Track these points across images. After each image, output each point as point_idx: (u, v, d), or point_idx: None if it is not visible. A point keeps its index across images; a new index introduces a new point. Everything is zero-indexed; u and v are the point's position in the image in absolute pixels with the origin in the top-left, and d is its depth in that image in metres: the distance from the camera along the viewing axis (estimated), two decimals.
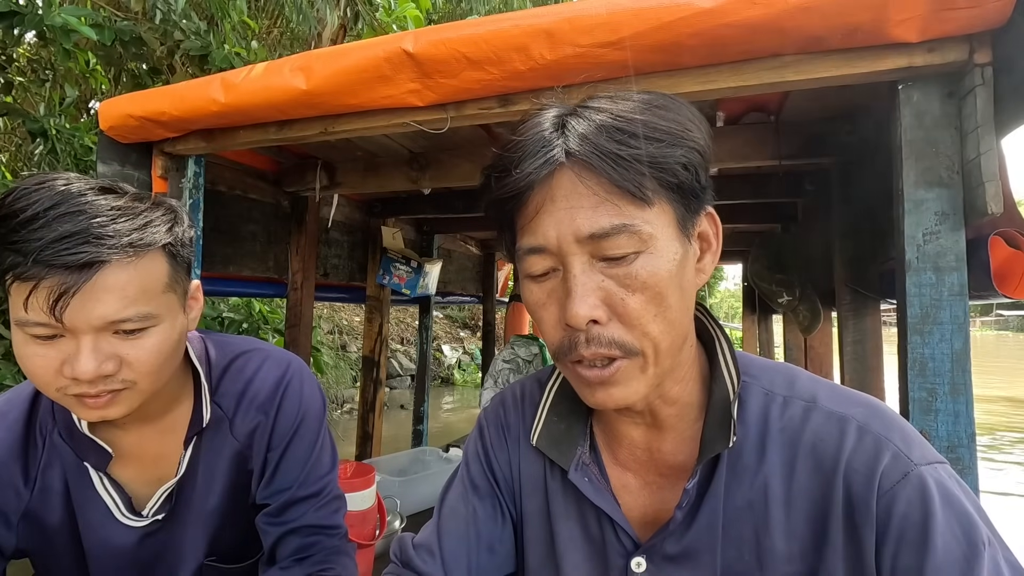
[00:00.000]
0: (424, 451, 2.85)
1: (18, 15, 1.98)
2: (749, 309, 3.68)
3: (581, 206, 0.50)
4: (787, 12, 0.82)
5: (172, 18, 2.61)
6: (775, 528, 0.53)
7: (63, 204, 0.60)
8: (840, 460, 0.51)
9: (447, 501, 0.72)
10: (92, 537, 0.79)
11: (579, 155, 0.49)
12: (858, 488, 0.50)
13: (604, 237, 0.49)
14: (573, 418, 0.66)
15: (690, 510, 0.56)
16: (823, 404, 0.54)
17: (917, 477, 0.48)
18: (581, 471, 0.62)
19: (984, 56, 0.83)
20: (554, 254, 0.52)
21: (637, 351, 0.51)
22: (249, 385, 0.85)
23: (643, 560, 0.58)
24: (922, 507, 0.47)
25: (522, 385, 0.74)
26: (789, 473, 0.53)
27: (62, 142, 2.77)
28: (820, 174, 1.82)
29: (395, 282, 2.73)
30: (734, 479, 0.55)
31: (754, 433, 0.56)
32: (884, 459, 0.50)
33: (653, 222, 0.50)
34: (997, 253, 0.90)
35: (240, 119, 1.23)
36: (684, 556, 0.56)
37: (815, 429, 0.53)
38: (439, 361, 11.09)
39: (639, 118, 0.50)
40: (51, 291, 0.59)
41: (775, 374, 0.59)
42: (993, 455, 6.29)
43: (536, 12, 0.95)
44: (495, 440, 0.72)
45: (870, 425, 0.52)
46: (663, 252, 0.51)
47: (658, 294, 0.50)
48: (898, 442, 0.50)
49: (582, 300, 0.50)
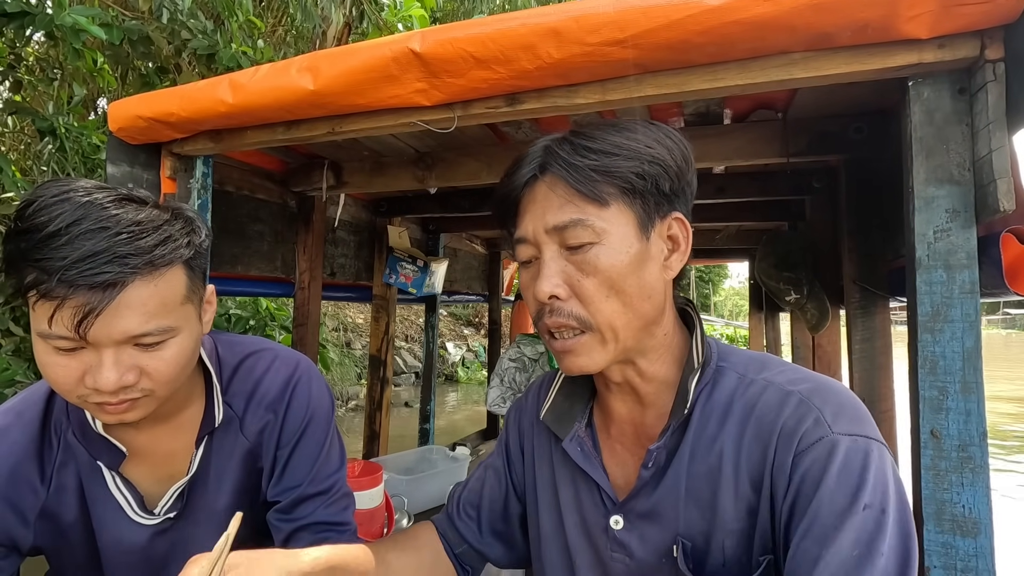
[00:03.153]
0: (431, 449, 2.86)
1: (29, 15, 2.00)
2: (756, 307, 3.66)
3: (551, 206, 0.63)
4: (796, 9, 0.81)
5: (179, 18, 2.62)
6: (726, 489, 0.61)
7: (85, 220, 0.60)
8: (776, 425, 0.59)
9: (482, 463, 0.91)
10: (105, 535, 0.80)
11: (551, 168, 0.63)
12: (782, 448, 0.57)
13: (564, 229, 0.61)
14: (575, 398, 0.77)
15: (657, 472, 0.65)
16: (780, 382, 0.62)
17: (830, 442, 0.55)
18: (576, 442, 0.73)
19: (996, 52, 0.82)
20: (532, 244, 0.65)
21: (593, 326, 0.62)
22: (259, 385, 0.85)
23: (620, 518, 0.68)
24: (823, 466, 0.54)
25: (543, 377, 0.89)
26: (739, 440, 0.61)
27: (71, 140, 2.79)
28: (828, 171, 1.80)
29: (401, 281, 2.73)
30: (699, 446, 0.64)
31: (720, 410, 0.64)
32: (807, 424, 0.57)
33: (608, 220, 0.61)
34: (1009, 250, 0.89)
35: (248, 120, 1.24)
36: (653, 513, 0.65)
37: (766, 401, 0.61)
38: (443, 359, 11.12)
39: (606, 138, 0.62)
40: (76, 311, 0.59)
41: (752, 361, 0.67)
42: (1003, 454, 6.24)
43: (543, 11, 0.94)
44: (514, 421, 0.88)
45: (809, 397, 0.59)
46: (616, 245, 0.61)
47: (608, 278, 0.61)
48: (827, 413, 0.57)
49: (547, 279, 0.62)
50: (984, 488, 0.85)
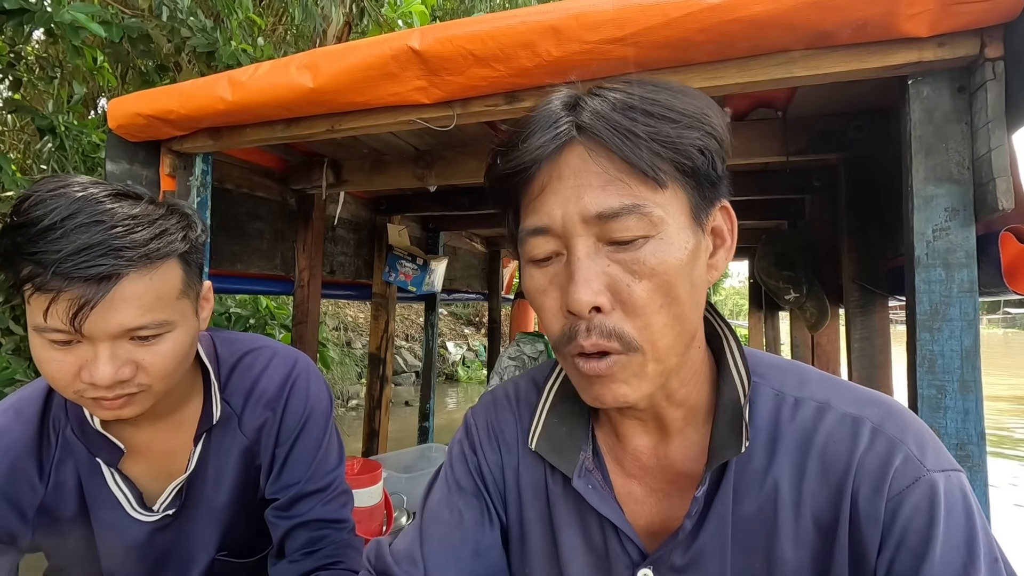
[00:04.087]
0: (430, 448, 2.86)
1: (28, 12, 2.00)
2: (755, 306, 3.66)
3: (590, 184, 0.47)
4: (795, 7, 0.82)
5: (179, 15, 2.61)
6: (784, 535, 0.51)
7: (80, 213, 0.60)
8: (852, 463, 0.49)
9: (429, 504, 0.66)
10: (104, 531, 0.80)
11: (591, 130, 0.47)
12: (867, 491, 0.48)
13: (613, 218, 0.46)
14: (574, 421, 0.62)
15: (698, 518, 0.53)
16: (836, 405, 0.52)
17: (928, 483, 0.47)
18: (585, 478, 0.58)
19: (995, 51, 0.82)
20: (558, 236, 0.49)
21: (637, 346, 0.48)
22: (257, 382, 0.85)
23: (650, 572, 0.56)
24: (928, 514, 0.46)
25: (515, 384, 0.69)
26: (799, 477, 0.51)
27: (70, 139, 2.79)
28: (828, 170, 1.80)
29: (401, 279, 2.73)
30: (743, 484, 0.53)
31: (764, 436, 0.53)
32: (896, 462, 0.48)
33: (665, 206, 0.47)
34: (1008, 249, 0.89)
35: (247, 117, 1.24)
36: (692, 566, 0.54)
37: (828, 431, 0.51)
38: (443, 358, 11.12)
39: (656, 98, 0.47)
40: (71, 303, 0.60)
41: (785, 373, 0.56)
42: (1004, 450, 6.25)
43: (543, 9, 0.94)
44: (484, 442, 0.67)
45: (884, 427, 0.50)
46: (674, 239, 0.48)
47: (666, 282, 0.47)
48: (912, 446, 0.48)
49: (585, 284, 0.47)
50: (982, 487, 0.85)
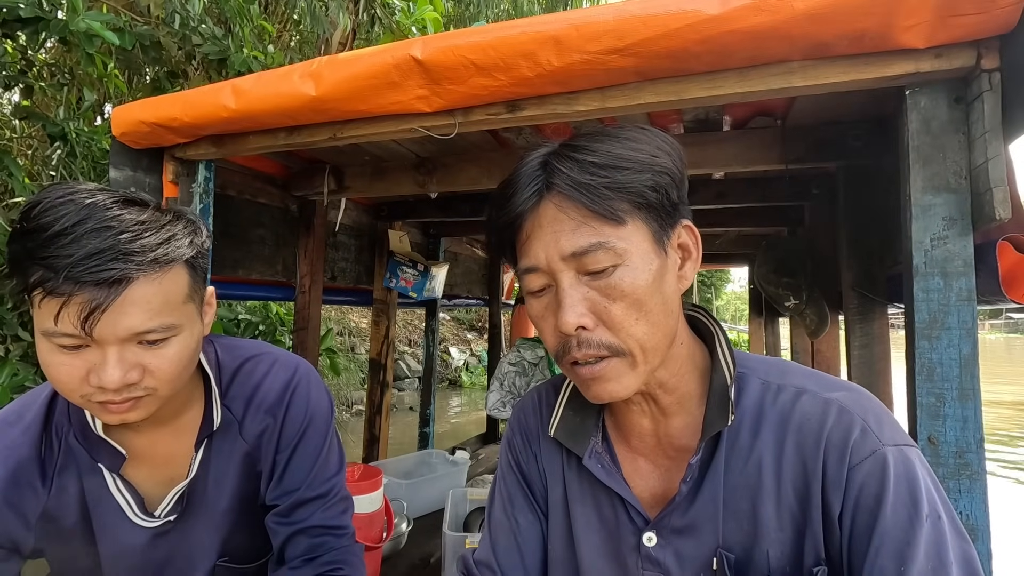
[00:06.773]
0: (431, 453, 2.86)
1: (43, 21, 2.01)
2: (756, 312, 3.66)
3: (563, 229, 0.58)
4: (793, 19, 0.82)
5: (190, 23, 2.63)
6: (767, 500, 0.60)
7: (90, 219, 0.61)
8: (822, 437, 0.58)
9: (493, 515, 0.79)
10: (106, 537, 0.81)
11: (558, 188, 0.59)
12: (833, 460, 0.57)
13: (584, 254, 0.57)
14: (586, 412, 0.73)
15: (693, 486, 0.63)
16: (811, 389, 0.62)
17: (881, 455, 0.55)
18: (595, 458, 0.69)
19: (992, 62, 0.82)
20: (546, 272, 0.60)
21: (624, 351, 0.59)
22: (258, 389, 0.86)
23: (653, 535, 0.65)
24: (880, 479, 0.55)
25: (538, 391, 0.82)
26: (779, 449, 0.60)
27: (81, 145, 2.80)
28: (826, 178, 1.81)
29: (402, 285, 2.74)
30: (733, 457, 0.62)
31: (750, 417, 0.63)
32: (855, 435, 0.57)
33: (627, 238, 0.58)
34: (1005, 258, 0.89)
35: (250, 125, 1.25)
36: (689, 528, 0.63)
37: (803, 411, 0.61)
38: (446, 363, 11.11)
39: (612, 151, 0.58)
40: (82, 307, 0.60)
41: (770, 367, 0.67)
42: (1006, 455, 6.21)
43: (544, 19, 0.95)
44: (520, 446, 0.80)
45: (849, 406, 0.59)
46: (639, 264, 0.58)
47: (637, 300, 0.58)
48: (871, 422, 0.58)
49: (570, 310, 0.58)
50: (981, 494, 0.85)
